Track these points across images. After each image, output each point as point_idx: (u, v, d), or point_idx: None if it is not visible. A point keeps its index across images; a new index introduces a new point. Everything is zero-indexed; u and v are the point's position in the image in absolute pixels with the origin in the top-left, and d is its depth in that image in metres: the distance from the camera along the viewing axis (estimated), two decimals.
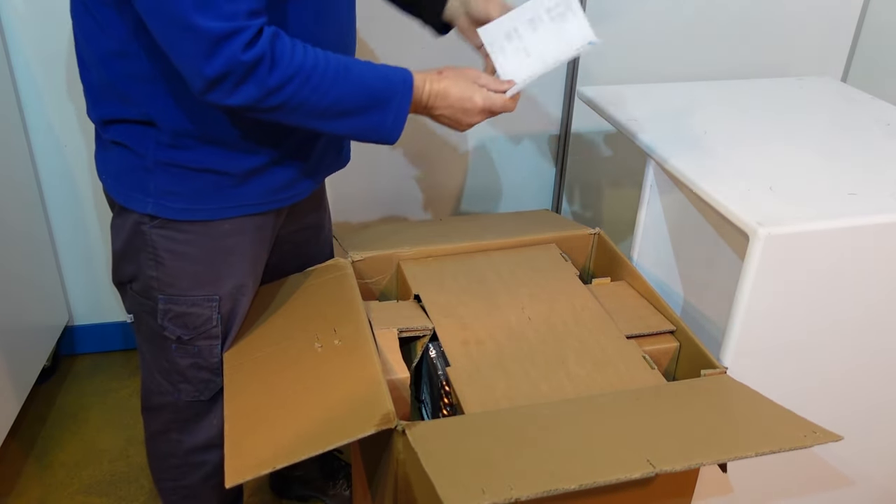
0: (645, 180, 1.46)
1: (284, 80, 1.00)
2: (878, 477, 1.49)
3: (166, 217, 1.14)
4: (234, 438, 1.06)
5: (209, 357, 1.24)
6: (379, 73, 1.09)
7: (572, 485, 0.92)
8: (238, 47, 0.95)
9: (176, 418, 1.31)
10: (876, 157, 1.38)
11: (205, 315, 1.21)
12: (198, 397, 1.28)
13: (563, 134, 2.16)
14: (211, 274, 1.20)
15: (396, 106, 1.10)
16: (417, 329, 1.30)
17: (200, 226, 1.16)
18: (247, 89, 0.98)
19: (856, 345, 1.30)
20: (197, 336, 1.22)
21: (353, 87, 1.06)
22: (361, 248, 1.45)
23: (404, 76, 1.12)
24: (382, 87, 1.09)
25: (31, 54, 1.81)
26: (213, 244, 1.18)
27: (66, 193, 1.98)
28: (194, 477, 1.36)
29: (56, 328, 2.06)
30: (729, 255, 1.36)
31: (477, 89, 1.16)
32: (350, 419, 1.05)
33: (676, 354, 1.30)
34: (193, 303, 1.20)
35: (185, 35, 0.95)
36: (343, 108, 1.06)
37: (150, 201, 1.14)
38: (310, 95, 1.03)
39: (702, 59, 2.13)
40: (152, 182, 1.13)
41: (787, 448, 1.01)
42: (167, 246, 1.16)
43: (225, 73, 0.96)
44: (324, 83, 1.03)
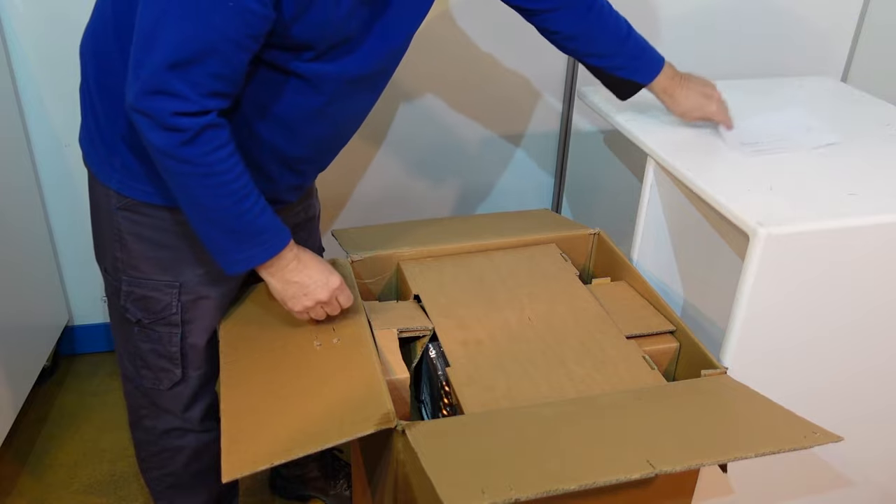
0: (645, 180, 1.46)
1: (188, 159, 1.01)
2: (878, 477, 1.49)
3: (128, 196, 1.16)
4: (231, 434, 1.06)
5: (168, 345, 1.25)
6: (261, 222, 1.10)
7: (572, 485, 0.92)
8: (167, 111, 0.97)
9: (144, 403, 1.32)
10: (876, 158, 1.38)
11: (164, 301, 1.22)
12: (157, 386, 1.29)
13: (563, 134, 2.16)
14: (172, 260, 1.20)
15: (248, 256, 1.11)
16: (417, 329, 1.29)
17: (164, 211, 1.17)
18: (156, 137, 1.00)
19: (856, 344, 1.30)
20: (156, 321, 1.23)
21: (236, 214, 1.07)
22: (361, 249, 1.45)
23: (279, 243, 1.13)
24: (253, 231, 1.10)
25: (31, 54, 1.81)
26: (176, 231, 1.19)
27: (66, 194, 1.98)
28: (175, 464, 1.37)
29: (56, 328, 2.06)
30: (729, 255, 1.36)
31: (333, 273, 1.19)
32: (349, 418, 1.05)
33: (677, 355, 1.30)
34: (154, 287, 1.21)
35: (144, 57, 0.96)
36: (210, 218, 1.07)
37: (115, 177, 1.16)
38: (194, 188, 1.04)
39: (702, 59, 2.13)
40: (118, 158, 1.15)
41: (787, 449, 1.01)
42: (131, 229, 1.18)
43: (145, 113, 0.98)
44: (213, 191, 1.04)
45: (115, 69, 1.09)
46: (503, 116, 2.11)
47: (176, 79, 0.96)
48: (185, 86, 0.96)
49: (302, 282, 1.16)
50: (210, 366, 1.31)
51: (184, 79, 0.96)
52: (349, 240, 1.49)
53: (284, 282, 1.16)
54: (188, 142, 0.99)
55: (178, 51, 0.95)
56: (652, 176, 1.45)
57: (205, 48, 0.95)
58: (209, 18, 0.94)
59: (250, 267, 1.12)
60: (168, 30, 0.94)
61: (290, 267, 1.15)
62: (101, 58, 1.13)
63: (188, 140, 0.99)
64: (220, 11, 0.94)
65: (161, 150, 1.00)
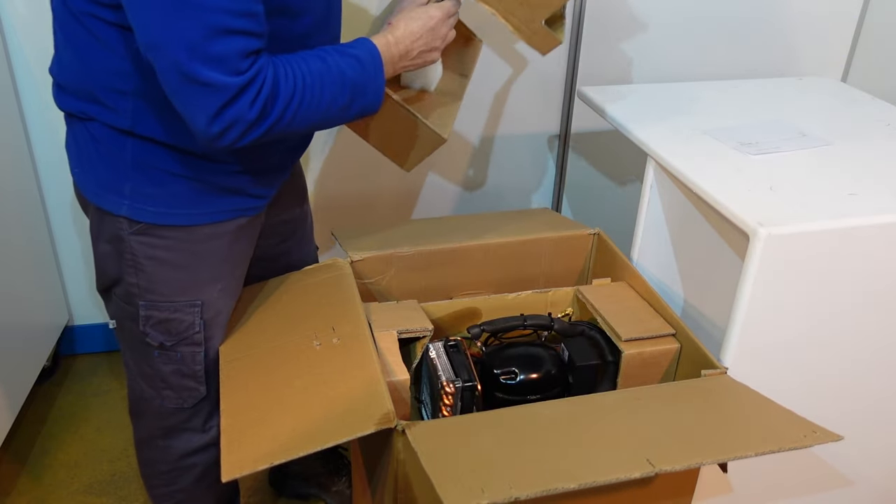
0: (645, 180, 1.46)
1: (282, 111, 1.02)
2: (878, 477, 1.49)
3: (143, 220, 1.13)
4: (231, 434, 1.06)
5: (192, 364, 1.23)
6: (350, 59, 1.11)
7: (572, 484, 0.92)
8: (245, 105, 0.97)
9: (161, 425, 1.29)
10: (876, 157, 1.38)
11: (187, 321, 1.20)
12: (181, 405, 1.27)
13: (563, 134, 2.16)
14: (193, 279, 1.18)
15: (374, 87, 1.14)
16: (417, 330, 1.30)
17: (179, 231, 1.15)
18: (252, 135, 1.01)
19: (856, 344, 1.30)
20: (179, 342, 1.21)
21: (337, 87, 1.09)
22: (361, 249, 1.45)
23: (371, 52, 1.14)
24: (359, 74, 1.11)
25: (31, 54, 1.81)
26: (194, 249, 1.17)
27: (66, 194, 1.98)
28: (186, 480, 1.35)
29: (56, 328, 2.06)
30: (729, 255, 1.36)
31: (426, 8, 1.21)
32: (349, 417, 1.05)
33: (677, 356, 1.30)
34: (176, 308, 1.18)
35: (190, 87, 0.95)
36: (334, 109, 1.10)
37: (125, 203, 1.12)
38: (306, 112, 1.05)
39: (702, 59, 2.13)
40: (128, 183, 1.11)
41: (786, 448, 1.01)
42: (147, 252, 1.15)
43: (230, 126, 0.98)
44: (315, 96, 1.06)
45: (97, 97, 1.08)
46: (503, 116, 2.11)
47: (221, 73, 0.94)
48: (232, 75, 0.95)
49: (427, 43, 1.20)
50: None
51: (223, 66, 0.94)
52: (349, 240, 1.49)
53: (414, 59, 1.20)
54: (272, 105, 1.00)
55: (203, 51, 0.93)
56: (652, 176, 1.45)
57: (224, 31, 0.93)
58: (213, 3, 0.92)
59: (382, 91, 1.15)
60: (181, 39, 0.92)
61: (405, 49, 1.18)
62: (81, 91, 1.10)
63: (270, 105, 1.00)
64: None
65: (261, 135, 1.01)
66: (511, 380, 1.28)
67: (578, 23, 2.00)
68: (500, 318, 1.37)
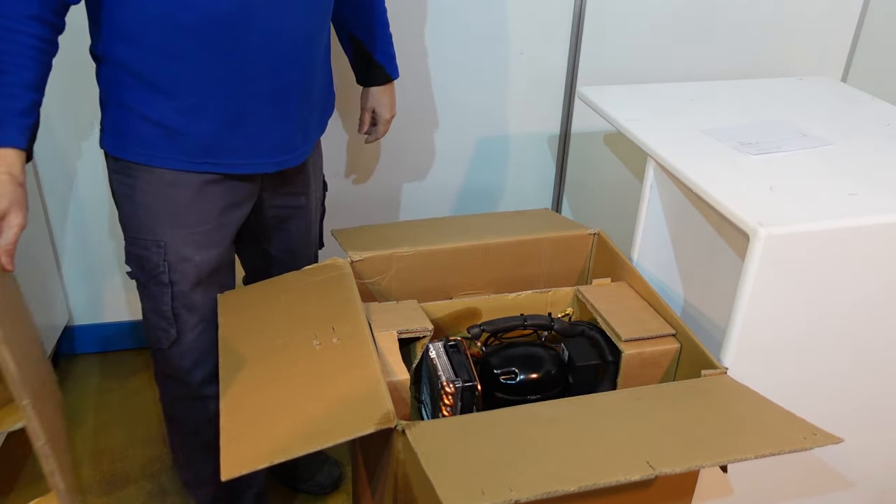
0: (645, 180, 1.46)
1: None
2: (878, 478, 1.49)
3: (116, 156, 1.22)
4: (230, 432, 1.06)
5: (161, 303, 1.30)
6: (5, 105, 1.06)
7: (572, 486, 0.92)
8: None
9: (156, 363, 1.38)
10: (876, 158, 1.38)
11: (154, 260, 1.27)
12: (159, 345, 1.34)
13: (563, 134, 2.16)
14: (156, 220, 1.25)
15: None
16: (417, 330, 1.29)
17: (144, 171, 1.22)
18: None
19: (856, 345, 1.30)
20: (149, 279, 1.29)
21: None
22: (361, 249, 1.45)
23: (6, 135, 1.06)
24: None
25: None
26: (157, 191, 1.24)
27: (66, 194, 1.98)
28: (210, 411, 1.40)
29: (56, 328, 2.06)
30: (729, 255, 1.36)
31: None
32: (349, 417, 1.05)
33: (677, 356, 1.30)
34: (144, 246, 1.27)
35: None
36: None
37: (106, 139, 1.24)
38: None
39: (702, 59, 2.13)
40: (107, 118, 1.22)
41: (787, 450, 1.01)
42: (121, 190, 1.26)
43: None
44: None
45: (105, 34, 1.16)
46: (503, 116, 2.11)
47: None
48: None
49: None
50: (207, 333, 1.34)
51: None
52: (349, 240, 1.49)
53: None
54: None
55: None
56: (652, 176, 1.45)
57: None
58: None
59: None
60: None
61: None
62: (96, 32, 1.18)
63: None
64: None
65: None
66: (511, 380, 1.28)
67: (578, 23, 2.00)
68: (500, 318, 1.37)
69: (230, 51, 1.16)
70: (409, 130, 2.06)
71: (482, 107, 2.08)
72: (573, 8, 1.99)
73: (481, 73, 2.03)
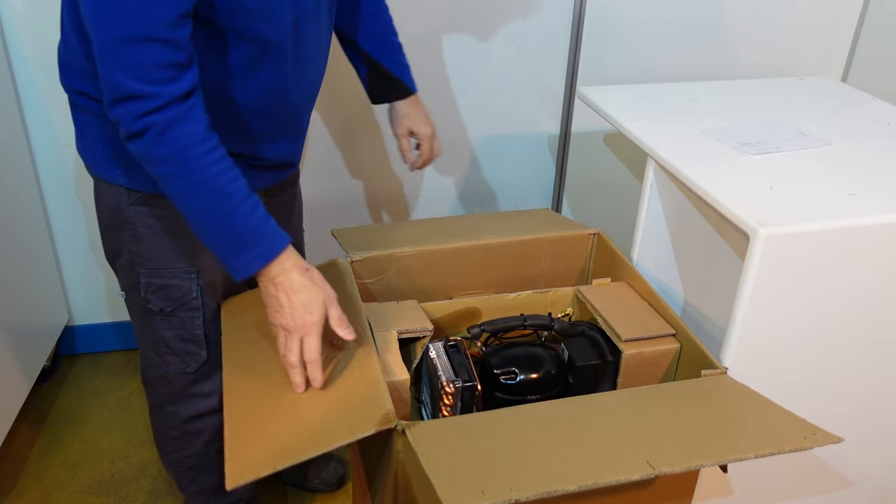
0: (645, 180, 1.46)
1: (163, 159, 1.01)
2: (878, 477, 1.49)
3: (139, 189, 1.18)
4: (234, 439, 1.06)
5: (191, 329, 1.28)
6: (254, 222, 1.07)
7: (572, 486, 0.92)
8: (133, 114, 0.98)
9: (168, 391, 1.35)
10: (876, 158, 1.38)
11: (185, 287, 1.25)
12: (184, 370, 1.32)
13: (563, 134, 2.16)
14: (188, 246, 1.23)
15: (245, 262, 1.08)
16: (417, 330, 1.29)
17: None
18: (132, 145, 1.01)
19: (856, 344, 1.30)
20: (178, 308, 1.26)
21: (219, 216, 1.05)
22: (360, 249, 1.45)
23: (275, 243, 1.08)
24: (244, 237, 1.07)
25: (31, 54, 1.81)
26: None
27: (66, 193, 1.98)
28: (196, 444, 1.40)
29: (56, 328, 2.06)
30: (729, 255, 1.36)
31: (318, 309, 1.10)
32: (350, 419, 1.05)
33: (677, 356, 1.30)
34: (173, 275, 1.24)
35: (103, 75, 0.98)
36: (201, 222, 1.06)
37: (120, 173, 1.18)
38: (179, 190, 1.03)
39: (702, 59, 2.13)
40: (123, 155, 1.16)
41: (787, 450, 1.01)
42: (145, 221, 1.21)
43: (118, 122, 1.00)
44: (195, 190, 1.03)
45: (93, 74, 1.11)
46: (503, 116, 2.11)
47: (129, 79, 0.96)
48: (139, 83, 0.96)
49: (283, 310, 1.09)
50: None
51: (136, 76, 0.96)
52: (349, 240, 1.49)
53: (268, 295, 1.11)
54: (157, 139, 0.99)
55: (121, 51, 0.95)
56: (652, 176, 1.45)
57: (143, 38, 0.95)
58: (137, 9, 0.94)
59: (247, 273, 1.08)
60: (105, 33, 0.95)
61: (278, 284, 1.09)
62: (79, 69, 1.15)
63: (156, 137, 0.99)
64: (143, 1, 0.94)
65: (141, 155, 1.02)
66: (511, 380, 1.28)
67: (578, 23, 2.00)
68: (500, 318, 1.37)
69: (263, 110, 1.18)
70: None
71: (482, 107, 2.08)
72: (573, 8, 1.99)
73: (481, 73, 2.03)
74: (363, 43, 1.43)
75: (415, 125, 1.49)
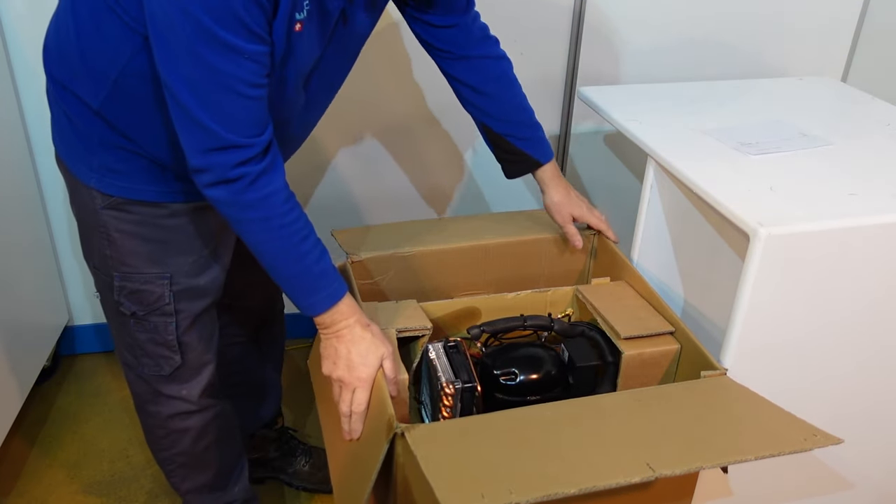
0: (645, 180, 1.46)
1: (252, 202, 1.05)
2: (878, 479, 1.49)
3: (110, 193, 1.17)
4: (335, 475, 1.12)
5: (164, 333, 1.27)
6: (324, 266, 1.13)
7: (572, 489, 0.91)
8: (230, 160, 1.02)
9: (147, 390, 1.34)
10: (876, 158, 1.38)
11: (157, 292, 1.24)
12: (158, 372, 1.31)
13: (563, 134, 2.16)
14: (161, 253, 1.22)
15: (314, 302, 1.15)
16: (416, 329, 1.29)
17: (147, 207, 1.19)
18: (217, 192, 1.05)
19: (856, 345, 1.30)
20: (150, 312, 1.25)
21: (296, 258, 1.11)
22: (361, 249, 1.45)
23: (340, 286, 1.15)
24: (316, 278, 1.13)
25: (31, 54, 1.81)
26: (161, 224, 1.21)
27: (65, 193, 1.97)
28: (183, 444, 1.39)
29: (56, 328, 2.06)
30: (729, 255, 1.36)
31: (374, 363, 1.16)
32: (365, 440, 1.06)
33: (677, 356, 1.29)
34: (146, 280, 1.23)
35: (192, 125, 1.00)
36: (279, 264, 1.12)
37: (93, 176, 1.17)
38: (261, 234, 1.08)
39: (702, 59, 2.13)
40: (95, 158, 1.16)
41: (787, 452, 1.01)
42: (117, 226, 1.19)
43: (208, 169, 1.03)
44: (276, 233, 1.09)
45: (78, 71, 1.11)
46: None
47: (226, 131, 1.00)
48: (235, 135, 1.01)
49: (339, 359, 1.16)
50: (204, 346, 1.32)
51: (232, 129, 1.00)
52: (349, 240, 1.49)
53: (327, 345, 1.17)
54: (249, 187, 1.04)
55: (218, 105, 0.99)
56: (652, 176, 1.45)
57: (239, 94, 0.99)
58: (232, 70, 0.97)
59: (326, 308, 1.14)
60: (199, 87, 0.98)
61: (334, 333, 1.15)
62: (66, 59, 1.13)
63: (249, 185, 1.04)
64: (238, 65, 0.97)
65: (225, 201, 1.05)
66: (511, 380, 1.28)
67: (578, 23, 2.00)
68: (500, 319, 1.37)
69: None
70: (410, 130, 2.06)
71: None
72: (573, 8, 1.98)
73: None
74: (488, 121, 1.43)
75: (573, 210, 1.48)
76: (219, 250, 1.29)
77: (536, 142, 1.44)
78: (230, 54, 0.96)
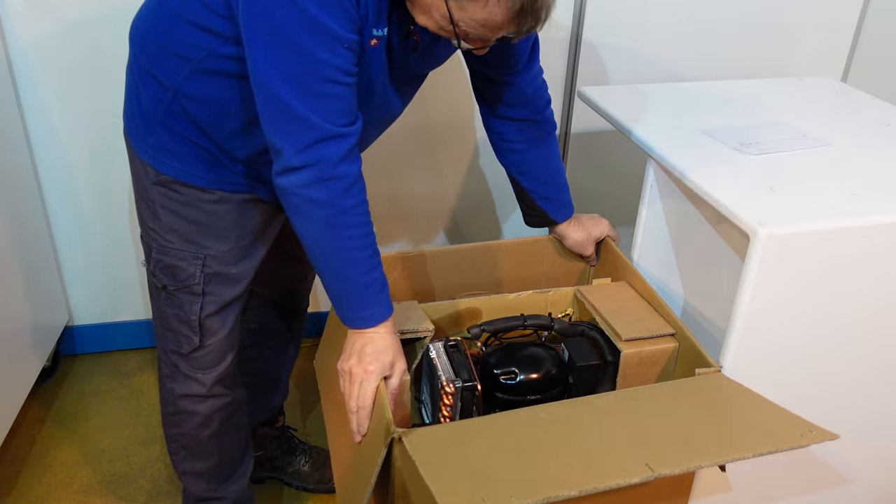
0: (645, 180, 1.46)
1: (347, 211, 1.07)
2: (877, 477, 1.49)
3: (162, 172, 1.21)
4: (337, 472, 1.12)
5: (189, 312, 1.30)
6: (380, 285, 1.15)
7: (572, 491, 0.91)
8: (336, 154, 1.04)
9: (167, 363, 1.37)
10: (876, 158, 1.38)
11: (189, 271, 1.27)
12: (178, 349, 1.33)
13: (563, 134, 2.16)
14: (200, 234, 1.25)
15: (354, 317, 1.16)
16: (418, 331, 1.29)
17: (195, 190, 1.22)
18: (318, 191, 1.06)
19: (856, 345, 1.30)
20: (180, 289, 1.28)
21: (362, 272, 1.12)
22: None
23: (382, 313, 1.16)
24: (371, 297, 1.15)
25: (32, 54, 1.81)
26: (205, 208, 1.24)
27: (66, 193, 1.98)
28: (188, 426, 1.41)
29: (56, 328, 2.06)
30: (729, 255, 1.36)
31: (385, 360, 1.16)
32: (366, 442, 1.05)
33: (675, 354, 1.30)
34: (181, 257, 1.26)
35: (289, 121, 1.02)
36: (324, 265, 1.13)
37: (148, 150, 1.22)
38: (341, 242, 1.09)
39: (702, 59, 2.13)
40: (152, 136, 1.21)
41: (784, 448, 1.01)
42: (164, 203, 1.24)
43: (313, 164, 1.04)
44: (359, 245, 1.11)
45: (156, 57, 1.15)
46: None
47: (327, 122, 1.02)
48: (334, 126, 1.03)
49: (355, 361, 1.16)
50: (225, 335, 1.34)
51: (331, 120, 1.03)
52: None
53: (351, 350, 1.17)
54: (350, 187, 1.06)
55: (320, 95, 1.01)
56: (652, 176, 1.45)
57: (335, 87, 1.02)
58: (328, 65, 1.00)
59: (373, 325, 1.15)
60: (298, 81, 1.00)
61: (364, 345, 1.15)
62: (148, 44, 1.17)
63: (349, 186, 1.06)
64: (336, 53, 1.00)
65: (322, 202, 1.06)
66: (511, 380, 1.28)
67: (578, 23, 2.00)
68: (500, 318, 1.37)
69: None
70: (410, 131, 2.06)
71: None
72: (573, 8, 1.99)
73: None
74: (520, 177, 1.46)
75: (594, 238, 1.52)
76: (256, 244, 1.32)
77: (559, 204, 1.48)
78: (330, 42, 0.99)
